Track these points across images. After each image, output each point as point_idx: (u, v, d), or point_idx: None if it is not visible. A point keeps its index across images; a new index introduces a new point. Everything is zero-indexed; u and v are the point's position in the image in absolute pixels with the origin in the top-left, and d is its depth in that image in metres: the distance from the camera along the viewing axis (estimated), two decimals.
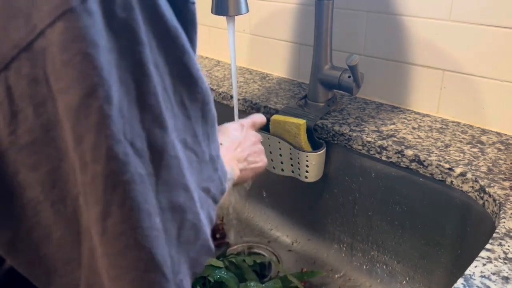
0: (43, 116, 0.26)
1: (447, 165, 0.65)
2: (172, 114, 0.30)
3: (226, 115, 0.73)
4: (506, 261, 0.48)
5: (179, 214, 0.31)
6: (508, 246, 0.50)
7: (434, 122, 0.78)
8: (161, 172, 0.29)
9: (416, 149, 0.69)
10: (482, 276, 0.46)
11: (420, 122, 0.78)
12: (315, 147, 0.77)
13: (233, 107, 0.74)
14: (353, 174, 0.79)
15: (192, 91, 0.32)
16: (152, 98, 0.28)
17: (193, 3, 0.32)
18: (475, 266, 0.47)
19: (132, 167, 0.26)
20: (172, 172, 0.30)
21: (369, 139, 0.73)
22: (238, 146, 0.59)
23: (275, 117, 0.79)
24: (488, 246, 0.50)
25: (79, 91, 0.25)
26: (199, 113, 0.34)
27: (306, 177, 0.80)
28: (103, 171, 0.26)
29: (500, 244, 0.50)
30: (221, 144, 0.57)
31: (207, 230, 0.34)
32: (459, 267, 0.68)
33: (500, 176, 0.62)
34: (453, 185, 0.65)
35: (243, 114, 0.91)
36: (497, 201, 0.58)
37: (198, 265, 0.33)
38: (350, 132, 0.75)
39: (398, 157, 0.70)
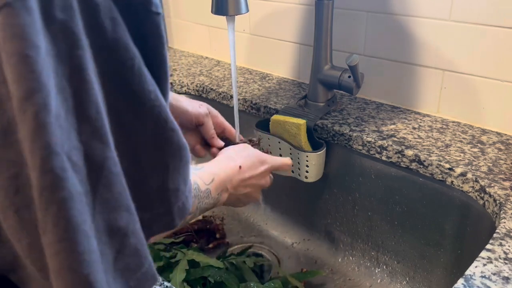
0: (3, 119, 0.24)
1: (447, 165, 0.65)
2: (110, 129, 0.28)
3: (226, 115, 0.73)
4: (506, 261, 0.48)
5: (118, 237, 0.28)
6: (509, 246, 0.50)
7: (434, 122, 0.78)
8: (99, 190, 0.26)
9: (416, 149, 0.69)
10: (482, 276, 0.46)
11: (420, 122, 0.78)
12: (315, 147, 0.77)
13: (233, 107, 0.74)
14: (353, 174, 0.79)
15: (137, 111, 0.29)
16: (92, 107, 0.26)
17: (157, 13, 0.29)
18: (476, 266, 0.47)
19: (70, 183, 0.24)
20: (113, 191, 0.27)
21: (369, 139, 0.73)
22: (248, 183, 0.59)
23: (275, 117, 0.79)
24: (488, 246, 0.50)
25: (16, 94, 0.23)
26: (148, 138, 0.30)
27: (306, 177, 0.80)
28: (38, 183, 0.23)
29: (501, 244, 0.50)
30: (240, 167, 0.58)
31: (150, 258, 0.31)
32: (459, 267, 0.68)
33: (501, 176, 0.62)
34: (453, 185, 0.65)
35: (243, 114, 0.91)
36: (497, 201, 0.58)
37: None
38: (350, 132, 0.75)
39: (398, 157, 0.70)
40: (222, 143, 0.69)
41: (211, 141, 0.68)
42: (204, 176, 0.51)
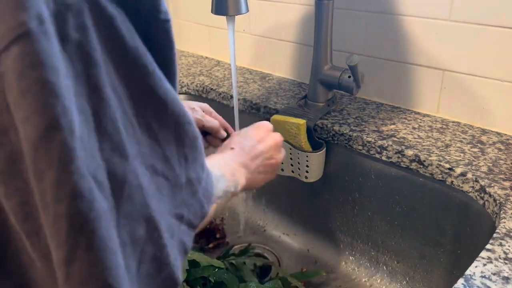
0: (7, 147, 0.24)
1: (447, 165, 0.65)
2: (134, 139, 0.29)
3: (226, 115, 0.73)
4: (506, 261, 0.48)
5: (138, 247, 0.28)
6: (509, 246, 0.50)
7: (434, 122, 0.78)
8: (122, 205, 0.27)
9: (416, 149, 0.69)
10: (482, 276, 0.46)
11: (420, 122, 0.78)
12: (315, 147, 0.77)
13: (233, 107, 0.74)
14: (353, 174, 0.79)
15: (161, 113, 0.30)
16: (110, 124, 0.26)
17: (167, 20, 0.30)
18: (476, 266, 0.47)
19: (97, 203, 0.24)
20: (135, 203, 0.28)
21: (369, 139, 0.73)
22: (254, 154, 0.57)
23: (275, 117, 0.79)
24: (488, 246, 0.50)
25: (39, 123, 0.22)
26: (171, 136, 0.32)
27: (306, 177, 0.80)
28: (68, 211, 0.23)
29: (501, 244, 0.50)
30: (232, 148, 0.56)
31: (174, 262, 0.32)
32: (459, 267, 0.68)
33: (501, 176, 0.62)
34: (453, 185, 0.65)
35: (243, 114, 0.91)
36: (497, 201, 0.58)
37: None
38: (350, 132, 0.75)
39: (398, 157, 0.70)
40: (225, 134, 0.68)
41: (215, 132, 0.67)
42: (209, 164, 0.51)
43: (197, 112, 0.67)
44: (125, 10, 0.27)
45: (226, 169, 0.52)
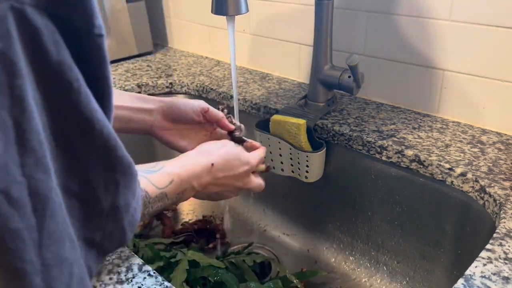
0: None
1: (447, 165, 0.65)
2: (51, 155, 0.27)
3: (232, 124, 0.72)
4: (506, 261, 0.48)
5: (66, 269, 0.28)
6: (509, 246, 0.50)
7: (434, 122, 0.78)
8: (46, 223, 0.26)
9: (416, 149, 0.69)
10: (482, 276, 0.46)
11: (420, 122, 0.78)
12: (315, 147, 0.77)
13: (233, 107, 0.74)
14: (353, 174, 0.79)
15: (86, 133, 0.29)
16: (34, 137, 0.25)
17: (100, 35, 0.28)
18: (476, 266, 0.47)
19: (6, 222, 0.23)
20: (57, 221, 0.27)
21: (369, 139, 0.73)
22: (220, 183, 0.56)
23: (275, 117, 0.79)
24: (488, 246, 0.50)
25: None
26: (100, 159, 0.30)
27: (306, 177, 0.80)
28: None
29: (501, 244, 0.50)
30: (212, 164, 0.55)
31: (90, 285, 0.31)
32: (459, 267, 0.68)
33: (501, 176, 0.62)
34: (453, 185, 0.65)
35: (243, 114, 0.91)
36: (497, 201, 0.58)
37: None
38: (350, 132, 0.75)
39: (398, 157, 0.70)
40: (232, 126, 0.67)
41: (222, 123, 0.66)
42: (160, 179, 0.48)
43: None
44: (54, 22, 0.26)
45: (179, 187, 0.51)
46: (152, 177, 0.47)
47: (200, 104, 0.66)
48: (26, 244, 0.24)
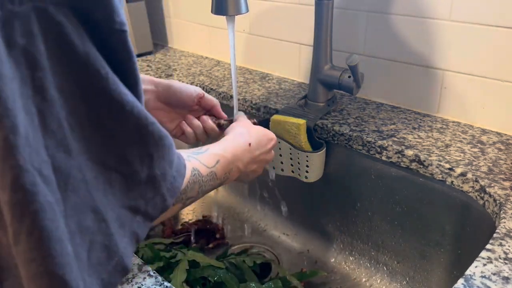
0: None
1: (447, 165, 0.65)
2: (82, 136, 0.30)
3: (226, 115, 0.73)
4: (506, 261, 0.48)
5: (88, 236, 0.30)
6: (509, 246, 0.50)
7: (434, 122, 0.78)
8: (69, 197, 0.29)
9: (416, 149, 0.69)
10: (482, 276, 0.46)
11: (420, 122, 0.78)
12: (315, 147, 0.77)
13: (233, 107, 0.74)
14: (353, 174, 0.79)
15: (118, 115, 0.32)
16: (54, 123, 0.28)
17: (123, 31, 0.31)
18: (476, 266, 0.47)
19: (41, 196, 0.26)
20: (79, 195, 0.30)
21: (369, 139, 0.73)
22: (258, 160, 0.61)
23: (275, 117, 0.79)
24: (488, 246, 0.50)
25: None
26: (132, 136, 0.33)
27: (306, 177, 0.80)
28: (10, 200, 0.26)
29: (501, 244, 0.50)
30: (250, 144, 0.59)
31: (123, 250, 0.34)
32: (459, 267, 0.68)
33: (501, 176, 0.62)
34: (453, 185, 0.65)
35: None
36: (497, 201, 0.58)
37: (110, 285, 0.33)
38: (350, 132, 0.75)
39: (398, 157, 0.70)
40: (225, 115, 0.69)
41: (216, 110, 0.68)
42: (207, 159, 0.52)
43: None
44: (77, 18, 0.29)
45: (226, 167, 0.54)
46: (201, 158, 0.51)
47: (196, 89, 0.67)
48: (57, 215, 0.27)
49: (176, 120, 0.68)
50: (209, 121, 0.67)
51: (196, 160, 0.50)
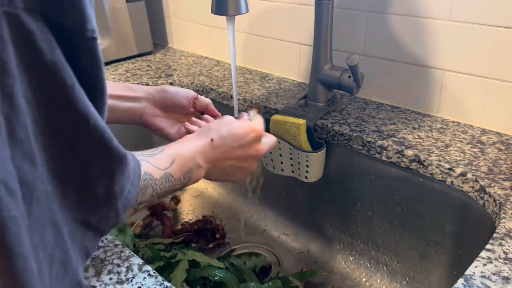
0: None
1: (447, 165, 0.65)
2: (42, 146, 0.30)
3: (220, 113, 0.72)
4: (506, 261, 0.48)
5: (48, 251, 0.30)
6: (509, 246, 0.50)
7: (434, 122, 0.78)
8: (33, 210, 0.28)
9: (416, 149, 0.69)
10: (482, 276, 0.46)
11: (420, 122, 0.78)
12: (315, 147, 0.77)
13: (233, 107, 0.74)
14: (353, 174, 0.79)
15: (81, 127, 0.31)
16: (21, 131, 0.27)
17: (93, 38, 0.30)
18: (475, 266, 0.47)
19: (5, 210, 0.26)
20: (42, 207, 0.29)
21: (369, 139, 0.73)
22: (229, 156, 0.57)
23: (275, 117, 0.79)
24: (488, 246, 0.50)
25: None
26: (95, 150, 0.33)
27: (306, 177, 0.80)
28: None
29: (501, 244, 0.50)
30: (211, 140, 0.55)
31: (76, 264, 0.33)
32: (459, 267, 0.68)
33: (501, 176, 0.62)
34: (453, 185, 0.65)
35: None
36: (497, 201, 0.58)
37: None
38: (350, 132, 0.75)
39: (398, 157, 0.70)
40: (218, 113, 0.69)
41: (210, 109, 0.68)
42: (161, 160, 0.49)
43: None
44: (47, 25, 0.28)
45: (184, 166, 0.51)
46: (153, 160, 0.48)
47: (189, 91, 0.67)
48: (21, 230, 0.27)
49: (175, 125, 0.67)
50: (213, 119, 0.65)
51: (148, 163, 0.47)
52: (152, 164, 0.48)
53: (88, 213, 0.34)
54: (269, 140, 0.63)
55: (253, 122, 0.61)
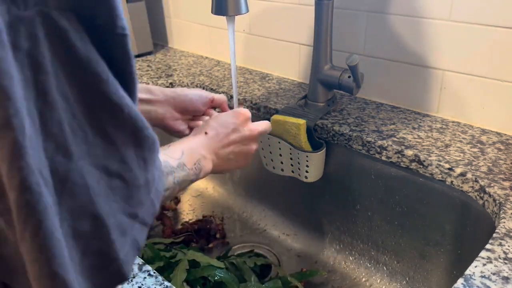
0: None
1: (447, 165, 0.65)
2: (83, 141, 0.31)
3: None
4: (506, 261, 0.48)
5: (81, 240, 0.31)
6: (508, 246, 0.50)
7: (434, 122, 0.78)
8: (64, 200, 0.29)
9: (416, 149, 0.69)
10: (482, 276, 0.46)
11: (420, 122, 0.78)
12: (315, 147, 0.77)
13: (233, 107, 0.74)
14: (353, 174, 0.79)
15: (117, 118, 0.32)
16: (55, 126, 0.29)
17: (124, 35, 0.32)
18: (475, 266, 0.47)
19: (44, 197, 0.27)
20: (78, 200, 0.30)
21: (369, 139, 0.73)
22: (226, 142, 0.60)
23: (275, 117, 0.79)
24: (488, 246, 0.50)
25: None
26: (130, 139, 0.34)
27: (306, 177, 0.80)
28: (17, 200, 0.26)
29: (500, 244, 0.50)
30: (206, 133, 0.59)
31: (124, 257, 0.34)
32: (459, 267, 0.68)
33: (500, 176, 0.62)
34: (453, 185, 0.65)
35: None
36: (497, 201, 0.58)
37: None
38: (350, 132, 0.75)
39: (398, 157, 0.70)
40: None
41: (223, 107, 0.72)
42: (172, 153, 0.53)
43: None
44: (80, 22, 0.29)
45: (192, 157, 0.55)
46: (167, 152, 0.52)
47: (206, 94, 0.71)
48: (56, 217, 0.28)
49: (192, 126, 0.71)
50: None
51: (164, 155, 0.50)
52: (167, 154, 0.51)
53: (134, 204, 0.35)
54: (261, 122, 0.67)
55: (238, 108, 0.66)
